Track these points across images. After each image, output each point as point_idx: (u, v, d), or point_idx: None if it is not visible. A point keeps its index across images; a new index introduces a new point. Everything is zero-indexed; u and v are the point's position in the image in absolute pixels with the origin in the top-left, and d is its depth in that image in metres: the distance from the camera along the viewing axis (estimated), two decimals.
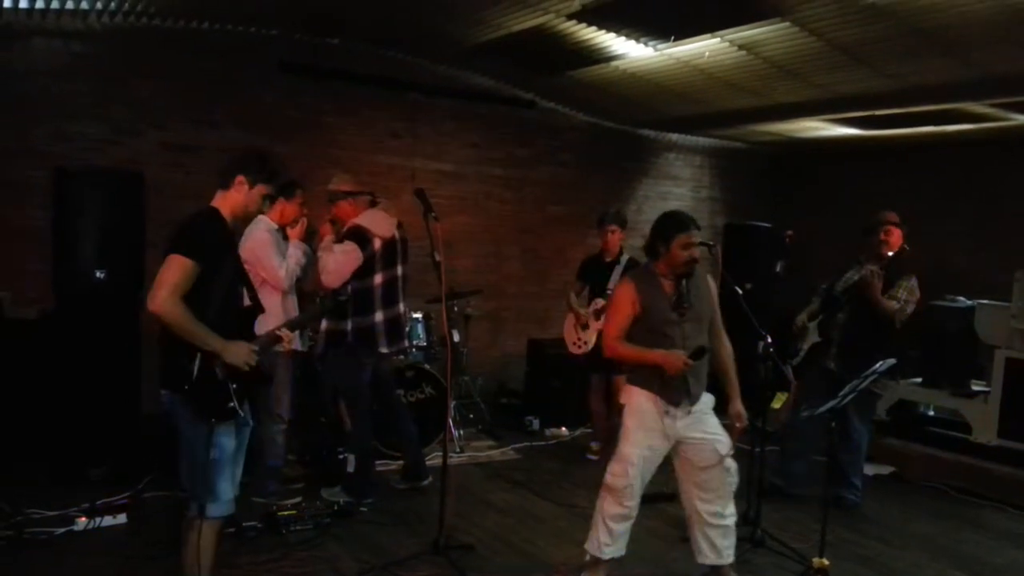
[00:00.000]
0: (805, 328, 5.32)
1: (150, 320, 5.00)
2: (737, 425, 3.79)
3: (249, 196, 3.14)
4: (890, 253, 5.15)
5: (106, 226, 4.93)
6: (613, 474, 3.78)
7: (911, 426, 6.54)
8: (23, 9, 5.52)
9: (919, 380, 6.61)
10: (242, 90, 6.37)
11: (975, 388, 6.30)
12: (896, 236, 5.19)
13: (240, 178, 3.12)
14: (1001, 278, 6.31)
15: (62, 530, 4.17)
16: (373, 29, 6.47)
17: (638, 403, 3.76)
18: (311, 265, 4.76)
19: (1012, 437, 5.81)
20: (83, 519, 4.24)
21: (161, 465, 4.88)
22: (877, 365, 3.81)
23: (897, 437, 6.44)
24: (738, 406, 3.82)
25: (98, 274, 4.85)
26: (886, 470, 6.18)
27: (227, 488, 3.11)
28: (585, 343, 5.91)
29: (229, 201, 3.14)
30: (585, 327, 5.93)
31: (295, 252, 4.64)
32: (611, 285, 5.79)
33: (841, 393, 3.79)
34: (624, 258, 5.96)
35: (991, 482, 5.70)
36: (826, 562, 3.61)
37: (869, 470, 6.07)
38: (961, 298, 6.62)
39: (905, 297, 4.96)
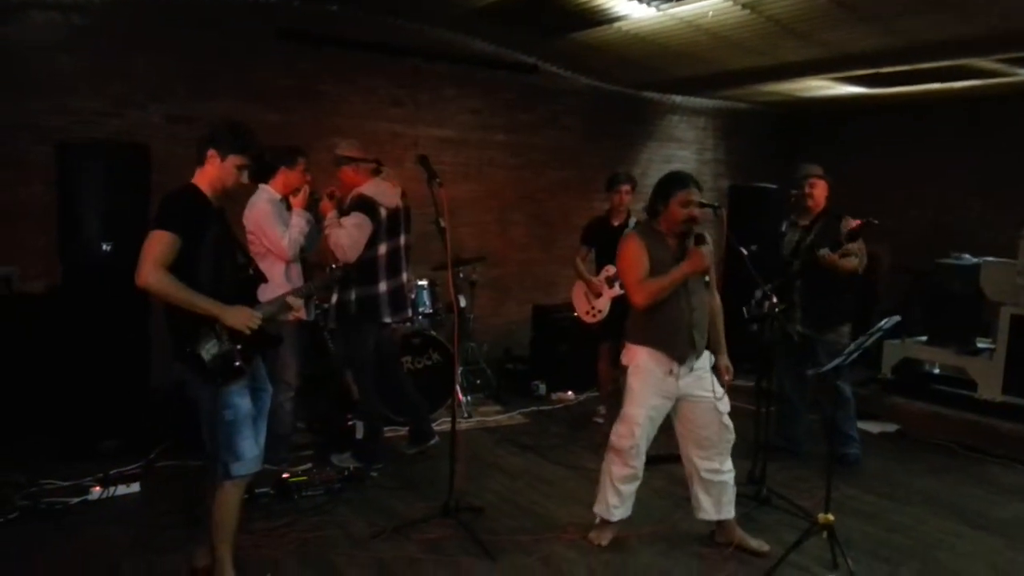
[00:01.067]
0: (770, 296, 5.27)
1: None
2: (726, 378, 3.88)
3: (223, 168, 3.18)
4: (813, 208, 5.20)
5: (111, 199, 4.92)
6: (619, 435, 3.84)
7: (916, 384, 6.57)
8: None
9: (924, 338, 6.63)
10: (241, 60, 6.33)
11: (980, 345, 6.31)
12: (820, 189, 5.22)
13: (211, 152, 3.18)
14: (1007, 235, 6.29)
15: (77, 500, 4.24)
16: None
17: (642, 363, 3.81)
18: (316, 234, 4.76)
19: (1017, 393, 5.84)
20: (97, 488, 4.31)
21: (171, 435, 4.98)
22: (883, 322, 3.82)
23: (902, 395, 6.48)
24: (725, 359, 3.95)
25: (104, 247, 4.86)
26: (891, 428, 6.21)
27: (249, 446, 3.20)
28: (599, 312, 5.79)
29: (206, 176, 3.20)
30: (598, 295, 5.81)
31: (298, 221, 4.63)
32: None
33: (847, 351, 3.82)
34: (632, 221, 5.88)
35: (996, 438, 5.74)
36: (831, 517, 3.64)
37: (874, 428, 6.14)
38: (966, 255, 6.60)
39: (856, 248, 4.95)
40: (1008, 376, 5.88)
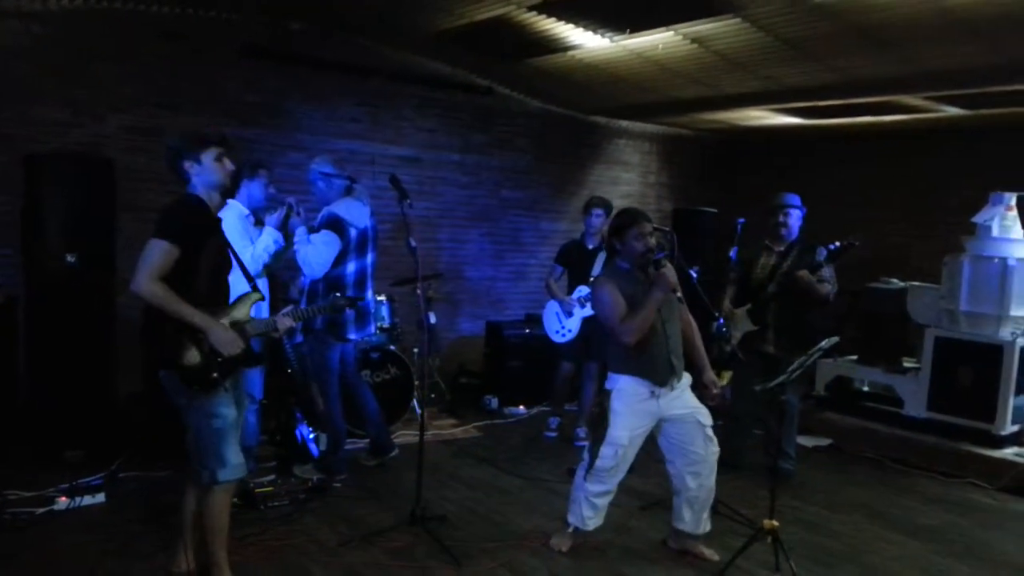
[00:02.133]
0: (732, 313, 5.49)
1: (124, 303, 5.13)
2: (714, 391, 4.13)
3: (207, 169, 3.25)
4: (787, 235, 5.43)
5: (76, 211, 4.97)
6: (603, 456, 3.96)
7: (848, 401, 6.94)
8: None
9: (855, 357, 7.04)
10: (204, 74, 6.39)
11: (907, 365, 6.72)
12: (795, 218, 5.45)
13: (186, 164, 3.25)
14: (932, 261, 6.71)
15: (42, 510, 4.26)
16: (336, 15, 6.55)
17: (626, 386, 3.97)
18: (282, 252, 4.82)
19: (940, 410, 6.23)
20: (63, 499, 4.33)
21: (135, 445, 5.01)
22: (822, 342, 4.12)
23: (835, 411, 6.84)
24: (710, 374, 4.18)
25: (69, 258, 4.90)
26: (824, 442, 6.57)
27: (234, 453, 3.29)
28: (569, 331, 6.00)
29: (200, 184, 3.28)
30: (569, 315, 6.00)
31: (265, 239, 4.71)
32: (595, 272, 5.86)
33: (790, 368, 4.09)
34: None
35: (921, 452, 6.11)
36: (775, 523, 3.92)
37: (808, 442, 6.48)
38: (895, 280, 7.04)
39: (829, 275, 5.24)
40: (932, 394, 6.28)
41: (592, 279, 5.83)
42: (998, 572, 4.25)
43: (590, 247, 6.04)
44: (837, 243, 4.98)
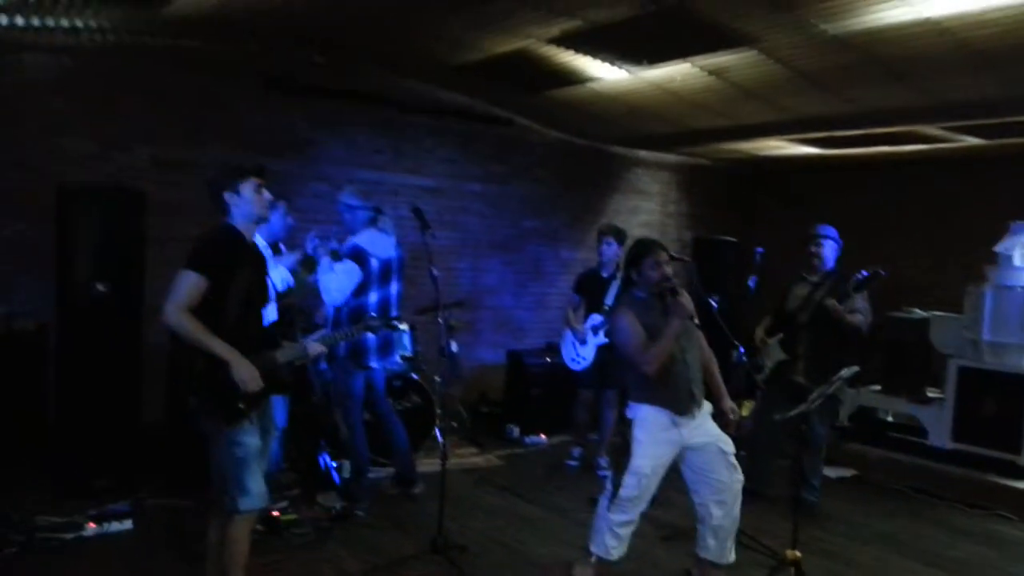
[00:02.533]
0: (765, 343, 5.52)
1: (152, 332, 5.22)
2: (731, 417, 4.11)
3: (245, 200, 3.32)
4: (821, 265, 5.44)
5: (106, 241, 5.06)
6: (626, 486, 3.94)
7: (871, 431, 6.91)
8: (16, 26, 5.62)
9: (878, 387, 7.00)
10: (228, 107, 6.54)
11: (930, 395, 6.69)
12: (828, 249, 5.47)
13: (226, 195, 3.31)
14: (954, 291, 6.70)
15: (71, 536, 4.32)
16: (360, 49, 6.68)
17: (648, 415, 3.98)
18: (297, 288, 4.89)
19: (965, 440, 6.19)
20: (92, 525, 4.39)
21: (162, 473, 5.07)
22: (842, 372, 4.12)
23: (858, 441, 6.81)
24: (728, 402, 4.16)
25: (99, 287, 4.98)
26: (848, 473, 6.53)
27: (256, 483, 3.31)
28: (584, 359, 6.04)
29: (238, 216, 3.33)
30: (584, 343, 6.05)
31: (279, 272, 4.76)
32: (608, 300, 5.92)
33: (811, 398, 4.09)
34: (621, 273, 6.09)
35: (946, 483, 6.07)
36: (798, 554, 3.90)
37: (832, 473, 6.42)
38: (917, 310, 7.02)
39: (863, 307, 5.24)
40: (956, 424, 6.25)
41: (606, 307, 5.88)
42: None
43: (604, 275, 6.09)
44: (864, 272, 4.97)
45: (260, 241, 4.66)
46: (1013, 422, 5.92)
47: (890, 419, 7.06)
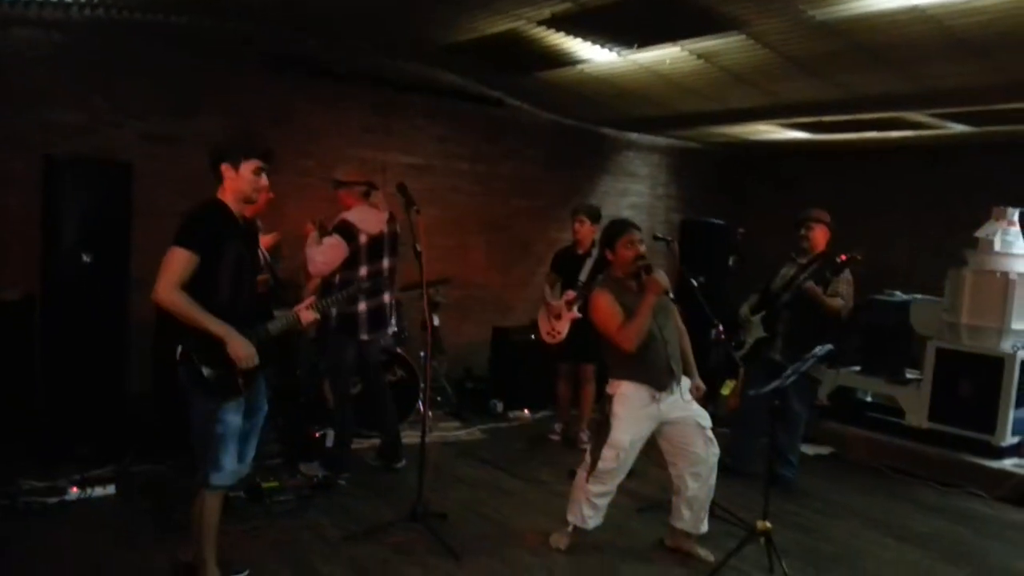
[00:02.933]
0: (748, 320, 5.65)
1: (137, 302, 5.27)
2: (696, 393, 4.21)
3: (240, 178, 3.28)
4: (811, 248, 5.54)
5: (93, 213, 5.10)
6: (605, 459, 4.06)
7: (850, 411, 7.00)
8: (5, 1, 5.64)
9: (858, 368, 7.10)
10: (220, 83, 6.55)
11: (909, 376, 6.78)
12: (819, 233, 5.57)
13: (224, 166, 3.29)
14: (935, 275, 6.77)
15: (55, 500, 4.38)
16: (352, 28, 6.69)
17: (627, 391, 4.07)
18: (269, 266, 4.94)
19: (941, 421, 6.28)
20: (75, 489, 4.46)
21: (146, 441, 5.13)
22: (816, 349, 4.20)
23: (837, 421, 6.90)
24: (697, 380, 4.29)
25: (85, 258, 5.03)
26: (826, 451, 6.63)
27: (230, 460, 3.35)
28: (559, 333, 6.13)
29: (227, 191, 3.31)
30: (558, 317, 6.14)
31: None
32: (582, 277, 6.05)
33: (785, 375, 4.17)
34: (595, 251, 6.19)
35: (922, 461, 6.17)
36: (768, 524, 3.99)
37: (810, 450, 6.53)
38: (898, 293, 7.10)
39: (845, 291, 5.34)
40: (933, 404, 6.34)
41: (580, 283, 5.98)
42: None
43: (580, 252, 6.23)
44: (841, 257, 5.06)
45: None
46: (988, 403, 6.01)
47: (869, 399, 7.15)
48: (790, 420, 5.43)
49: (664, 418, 4.09)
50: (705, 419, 4.14)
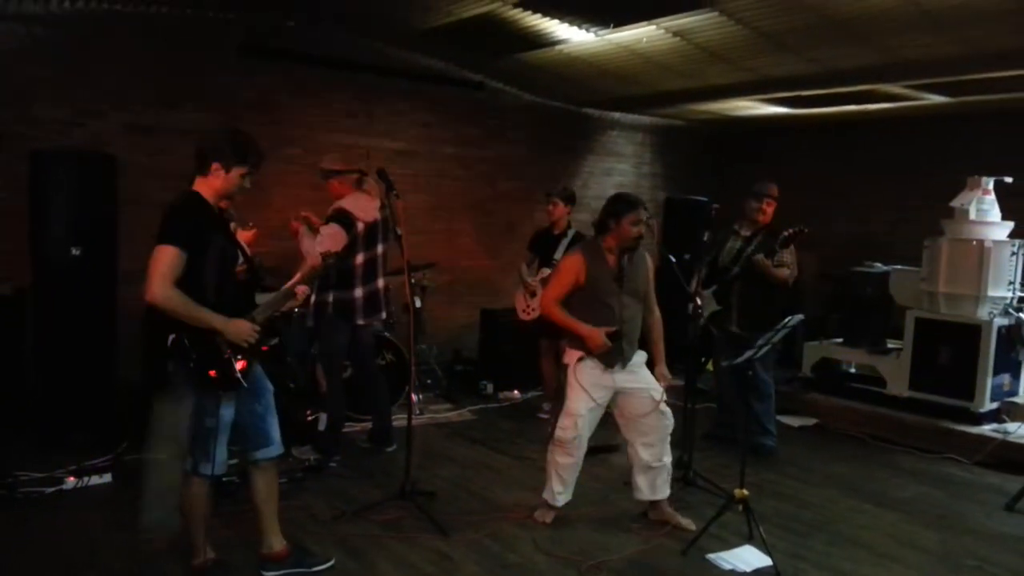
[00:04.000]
0: (700, 294, 5.72)
1: (126, 293, 5.35)
2: (662, 384, 4.32)
3: (227, 180, 3.32)
4: (762, 222, 5.69)
5: (81, 205, 5.18)
6: (563, 427, 4.23)
7: (833, 382, 7.11)
8: None
9: (840, 340, 7.22)
10: (201, 72, 6.59)
11: (890, 346, 6.90)
12: (771, 208, 5.73)
13: (215, 165, 3.31)
14: (914, 245, 6.87)
15: (52, 489, 4.48)
16: (330, 12, 6.73)
17: (581, 362, 4.22)
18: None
19: (921, 389, 6.40)
20: (71, 479, 4.55)
21: (140, 429, 5.21)
22: (787, 319, 4.30)
23: (820, 392, 7.03)
24: (663, 368, 4.40)
25: (74, 251, 5.10)
26: (810, 422, 6.77)
27: (222, 451, 3.43)
28: (533, 310, 6.38)
29: (209, 186, 3.34)
30: (533, 295, 6.39)
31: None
32: (557, 256, 6.25)
33: (758, 344, 4.28)
34: (571, 232, 6.39)
35: (903, 429, 6.30)
36: (746, 492, 4.10)
37: (795, 422, 6.67)
38: (878, 264, 7.21)
39: (789, 260, 5.52)
40: (913, 373, 6.45)
41: (555, 262, 6.15)
42: (964, 539, 4.43)
43: (555, 233, 6.43)
44: (790, 230, 5.19)
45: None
46: (967, 370, 6.13)
47: (852, 370, 7.26)
48: (760, 389, 5.55)
49: (618, 388, 4.23)
50: (657, 391, 4.26)
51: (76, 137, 6.05)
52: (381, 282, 5.38)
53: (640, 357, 4.30)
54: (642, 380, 4.25)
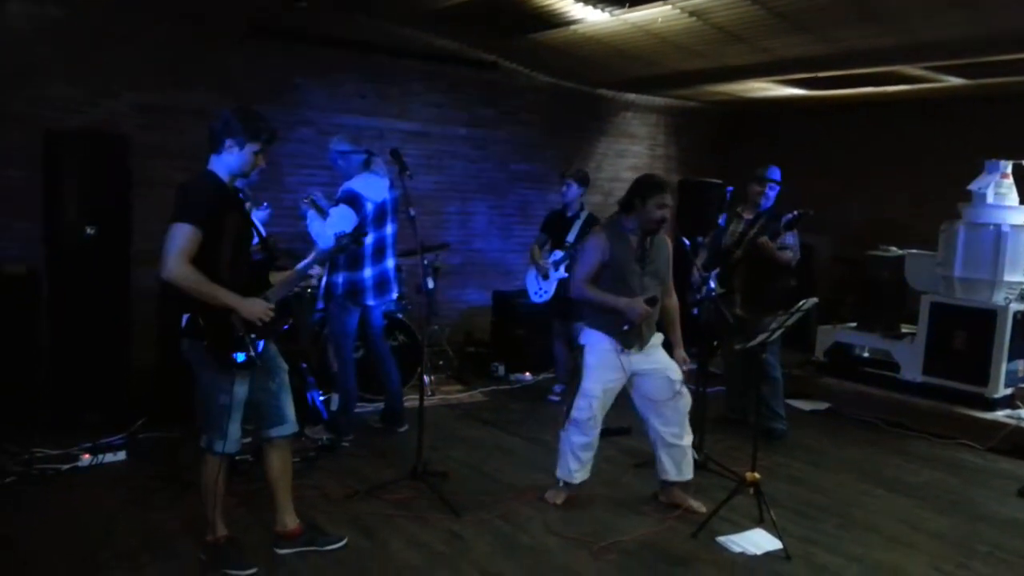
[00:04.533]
0: (707, 281, 5.73)
1: (140, 273, 5.39)
2: (683, 368, 4.32)
3: (241, 157, 3.33)
4: (763, 204, 5.67)
5: (94, 185, 5.20)
6: (578, 408, 4.23)
7: (846, 366, 7.07)
8: None
9: (854, 324, 7.17)
10: (213, 52, 6.58)
11: (904, 331, 6.85)
12: (775, 193, 5.71)
13: (229, 142, 3.31)
14: (931, 229, 6.81)
15: (67, 466, 4.53)
16: None
17: (596, 342, 4.22)
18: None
19: (935, 374, 6.35)
20: (87, 456, 4.60)
21: (154, 408, 5.26)
22: (801, 303, 4.27)
23: (833, 376, 7.00)
24: (681, 352, 4.39)
25: (88, 231, 5.13)
26: (823, 406, 6.74)
27: (235, 429, 3.44)
28: (545, 292, 6.37)
29: (224, 164, 3.35)
30: (545, 277, 6.35)
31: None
32: (570, 238, 6.23)
33: (772, 327, 4.27)
34: (584, 214, 6.35)
35: (916, 415, 6.26)
36: (757, 476, 4.10)
37: (807, 406, 6.66)
38: (893, 248, 7.15)
39: (793, 243, 5.52)
40: (928, 358, 6.41)
41: (568, 244, 6.19)
42: (977, 525, 4.41)
43: (569, 215, 6.40)
44: (794, 212, 5.18)
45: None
46: (982, 356, 6.08)
47: (866, 355, 7.22)
48: (767, 373, 5.54)
49: (634, 369, 4.22)
50: (675, 372, 4.26)
51: (89, 117, 6.06)
52: (391, 262, 5.38)
53: (656, 338, 4.29)
54: (658, 361, 4.25)
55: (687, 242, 4.94)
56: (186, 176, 3.49)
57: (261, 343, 3.42)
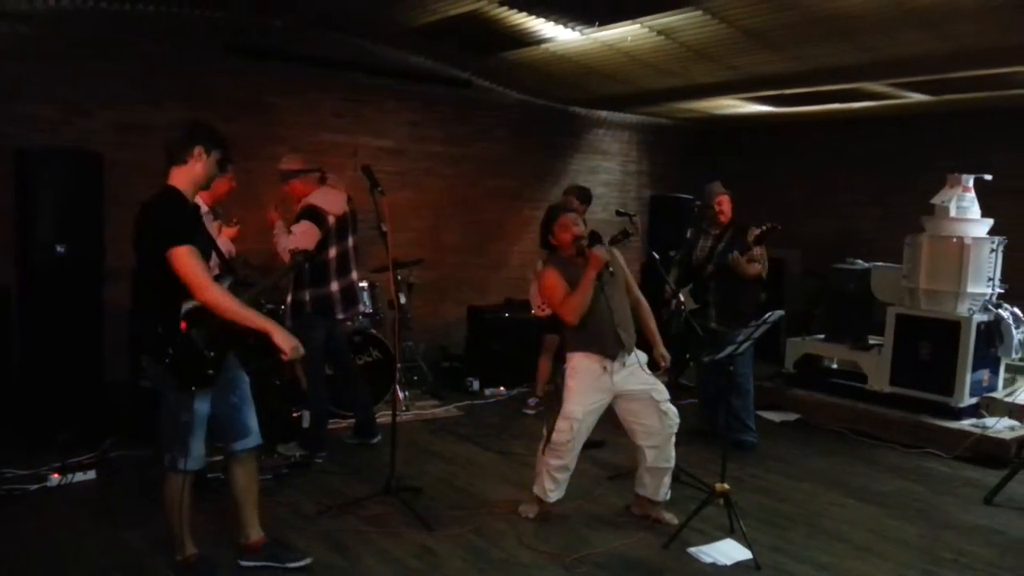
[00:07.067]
0: (676, 294, 5.80)
1: (112, 291, 5.37)
2: (662, 364, 4.39)
3: (207, 165, 3.37)
4: (723, 220, 5.83)
5: (66, 204, 5.19)
6: (559, 430, 4.23)
7: (815, 378, 7.18)
8: None
9: (822, 336, 7.29)
10: (188, 71, 6.58)
11: (872, 342, 6.97)
12: (726, 204, 5.86)
13: (198, 149, 3.33)
14: (897, 242, 6.93)
15: (36, 486, 4.50)
16: (317, 11, 6.74)
17: (579, 364, 4.25)
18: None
19: (902, 385, 6.47)
20: (56, 476, 4.57)
21: (124, 427, 5.24)
22: (768, 315, 4.35)
23: (803, 387, 7.10)
24: (661, 349, 4.44)
25: (59, 249, 5.11)
26: (792, 417, 6.83)
27: (198, 446, 3.43)
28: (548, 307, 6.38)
29: (188, 174, 3.34)
30: None
31: (224, 242, 4.98)
32: None
33: (739, 339, 4.33)
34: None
35: (883, 424, 6.37)
36: (726, 486, 4.16)
37: (777, 417, 6.74)
38: (859, 261, 7.28)
39: (760, 254, 5.67)
40: (894, 369, 6.53)
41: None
42: (944, 533, 4.49)
43: None
44: (763, 226, 5.35)
45: (204, 207, 4.76)
46: (947, 366, 6.20)
47: (834, 366, 7.33)
48: (738, 385, 5.61)
49: (618, 390, 4.24)
50: (660, 392, 4.28)
51: (62, 135, 6.03)
52: (355, 274, 5.42)
53: (640, 357, 4.31)
54: (642, 381, 4.27)
55: (656, 256, 5.01)
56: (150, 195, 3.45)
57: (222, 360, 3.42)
